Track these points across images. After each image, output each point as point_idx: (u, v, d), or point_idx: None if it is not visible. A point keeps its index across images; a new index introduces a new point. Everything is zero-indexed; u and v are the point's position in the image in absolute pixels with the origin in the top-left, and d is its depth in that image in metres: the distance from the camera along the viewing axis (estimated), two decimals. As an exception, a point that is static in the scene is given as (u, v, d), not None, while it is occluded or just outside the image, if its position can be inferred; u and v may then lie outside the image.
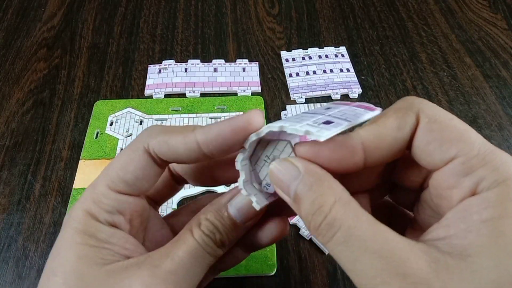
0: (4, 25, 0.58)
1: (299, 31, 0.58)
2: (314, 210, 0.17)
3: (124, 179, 0.20)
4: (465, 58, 0.54)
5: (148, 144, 0.20)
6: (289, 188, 0.18)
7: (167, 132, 0.20)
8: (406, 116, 0.17)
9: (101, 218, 0.20)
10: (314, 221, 0.17)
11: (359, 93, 0.50)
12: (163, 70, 0.52)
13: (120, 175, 0.20)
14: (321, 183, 0.17)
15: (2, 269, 0.36)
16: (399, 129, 0.17)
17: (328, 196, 0.17)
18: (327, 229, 0.16)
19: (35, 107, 0.48)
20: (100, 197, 0.20)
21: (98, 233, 0.19)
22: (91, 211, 0.20)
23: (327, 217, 0.16)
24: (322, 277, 0.36)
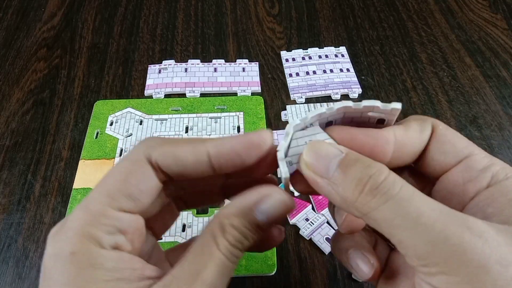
0: (4, 25, 0.58)
1: (299, 31, 0.58)
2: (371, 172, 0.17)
3: (127, 193, 0.18)
4: (465, 58, 0.54)
5: (150, 154, 0.19)
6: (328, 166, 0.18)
7: (172, 143, 0.19)
8: (425, 123, 0.20)
9: (104, 243, 0.17)
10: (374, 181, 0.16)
11: (359, 93, 0.50)
12: (163, 70, 0.52)
13: (122, 189, 0.18)
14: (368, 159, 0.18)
15: (2, 269, 0.36)
16: (421, 131, 0.20)
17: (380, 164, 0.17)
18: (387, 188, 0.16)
19: (35, 107, 0.48)
20: (99, 218, 0.18)
21: (105, 262, 0.17)
22: (91, 237, 0.17)
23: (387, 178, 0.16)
24: (322, 277, 0.36)
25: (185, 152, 0.18)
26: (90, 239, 0.17)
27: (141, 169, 0.18)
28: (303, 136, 0.20)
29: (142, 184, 0.18)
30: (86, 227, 0.17)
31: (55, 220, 0.39)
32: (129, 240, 0.18)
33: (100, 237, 0.17)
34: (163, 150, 0.19)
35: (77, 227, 0.17)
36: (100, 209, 0.18)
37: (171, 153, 0.18)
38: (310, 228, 0.38)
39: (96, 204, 0.18)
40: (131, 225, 0.18)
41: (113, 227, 0.18)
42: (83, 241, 0.17)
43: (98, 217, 0.18)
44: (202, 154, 0.18)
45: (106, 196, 0.18)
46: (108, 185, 0.18)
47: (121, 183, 0.18)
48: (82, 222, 0.17)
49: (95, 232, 0.17)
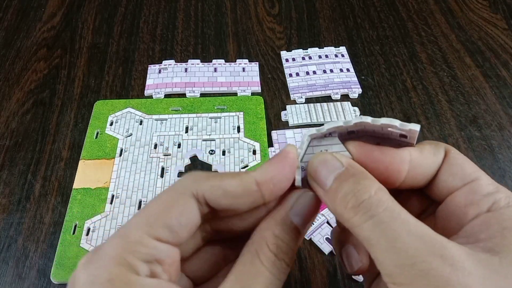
0: (4, 25, 0.58)
1: (299, 31, 0.58)
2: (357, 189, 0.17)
3: (166, 224, 0.18)
4: (465, 58, 0.54)
5: (197, 188, 0.18)
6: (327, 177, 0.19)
7: (218, 176, 0.19)
8: (438, 147, 0.20)
9: (140, 270, 0.17)
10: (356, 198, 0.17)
11: (359, 93, 0.50)
12: (163, 70, 0.52)
13: (162, 220, 0.18)
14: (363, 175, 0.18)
15: (2, 269, 0.36)
16: (435, 154, 0.20)
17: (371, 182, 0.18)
18: (368, 208, 0.17)
19: (35, 107, 0.48)
20: (136, 246, 0.17)
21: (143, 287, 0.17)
22: (128, 265, 0.17)
23: (371, 197, 0.17)
24: (322, 277, 0.36)
25: (233, 184, 0.19)
26: (127, 266, 0.17)
27: (185, 202, 0.18)
28: (320, 145, 0.20)
29: (183, 217, 0.18)
30: (123, 254, 0.17)
31: (55, 220, 0.39)
32: (165, 271, 0.18)
33: (137, 264, 0.17)
34: (210, 184, 0.19)
35: (114, 254, 0.17)
36: (138, 237, 0.17)
37: (218, 186, 0.18)
38: (310, 228, 0.38)
39: (133, 232, 0.17)
40: (169, 256, 0.18)
41: (150, 256, 0.17)
42: (120, 268, 0.16)
43: (135, 245, 0.17)
44: (250, 183, 0.19)
45: (145, 225, 0.18)
46: (148, 214, 0.18)
47: (162, 214, 0.18)
48: (119, 249, 0.17)
49: (132, 259, 0.17)
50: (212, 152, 0.44)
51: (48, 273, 0.36)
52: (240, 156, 0.43)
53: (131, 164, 0.43)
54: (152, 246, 0.17)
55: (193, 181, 0.19)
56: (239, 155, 0.43)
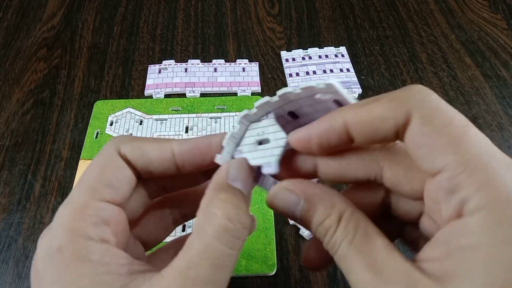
0: (4, 25, 0.58)
1: (299, 31, 0.58)
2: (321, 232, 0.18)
3: (105, 183, 0.19)
4: (465, 58, 0.54)
5: (119, 148, 0.19)
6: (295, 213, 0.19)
7: (140, 140, 0.20)
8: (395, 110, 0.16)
9: (89, 233, 0.17)
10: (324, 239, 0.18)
11: (359, 93, 0.50)
12: (163, 70, 0.52)
13: (100, 180, 0.19)
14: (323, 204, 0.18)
15: (2, 269, 0.36)
16: (383, 120, 0.16)
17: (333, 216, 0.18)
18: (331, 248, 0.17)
19: (35, 107, 0.48)
20: (83, 210, 0.18)
21: (91, 255, 0.17)
22: (77, 230, 0.17)
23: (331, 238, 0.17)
24: (322, 277, 0.36)
25: (151, 148, 0.19)
26: (76, 232, 0.17)
27: (115, 160, 0.19)
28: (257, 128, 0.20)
29: (119, 173, 0.19)
30: (71, 221, 0.18)
31: (55, 220, 0.39)
32: (112, 232, 0.18)
33: (86, 228, 0.17)
34: (131, 145, 0.20)
35: (62, 223, 0.18)
36: (83, 202, 0.18)
37: (138, 148, 0.19)
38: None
39: (78, 198, 0.18)
40: (114, 216, 0.19)
41: (97, 217, 0.18)
42: (69, 235, 0.17)
43: (82, 210, 0.18)
44: (166, 151, 0.19)
45: (88, 189, 0.18)
46: (87, 179, 0.19)
47: (99, 175, 0.19)
48: (67, 217, 0.18)
49: (80, 224, 0.17)
50: (212, 152, 0.44)
51: (48, 273, 0.36)
52: (240, 156, 0.43)
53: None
54: (98, 207, 0.18)
55: (118, 141, 0.20)
56: (239, 155, 0.43)
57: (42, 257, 0.17)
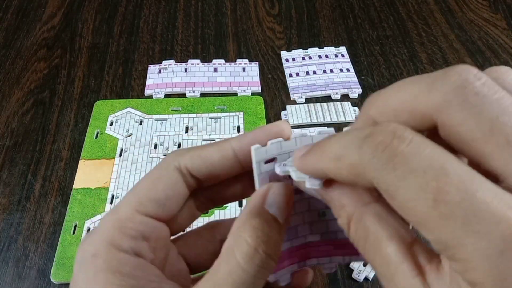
0: (4, 25, 0.58)
1: (299, 31, 0.58)
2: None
3: (154, 198, 0.19)
4: (465, 58, 0.54)
5: (178, 161, 0.19)
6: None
7: (197, 147, 0.20)
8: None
9: (125, 246, 0.18)
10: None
11: (359, 93, 0.50)
12: (163, 70, 0.52)
13: (149, 195, 0.19)
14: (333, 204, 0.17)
15: (2, 269, 0.36)
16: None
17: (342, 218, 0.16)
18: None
19: (35, 107, 0.48)
20: (124, 222, 0.18)
21: (122, 266, 0.17)
22: (114, 240, 0.18)
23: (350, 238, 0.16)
24: (322, 277, 0.36)
25: (210, 152, 0.19)
26: (112, 242, 0.17)
27: (169, 175, 0.19)
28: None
29: (170, 190, 0.19)
30: (111, 230, 0.18)
31: (55, 220, 0.39)
32: (151, 248, 0.18)
33: (122, 240, 0.18)
34: (190, 154, 0.19)
35: (103, 230, 0.18)
36: (127, 214, 0.18)
37: (197, 155, 0.19)
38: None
39: (123, 209, 0.18)
40: (156, 233, 0.19)
41: (136, 231, 0.18)
42: (105, 244, 0.17)
43: (124, 221, 0.18)
44: (227, 150, 0.19)
45: (134, 202, 0.18)
46: (137, 191, 0.19)
47: (149, 189, 0.19)
48: (109, 225, 0.18)
49: (119, 235, 0.18)
50: (212, 152, 0.44)
51: (48, 273, 0.36)
52: (240, 156, 0.43)
53: (131, 164, 0.43)
54: (139, 221, 0.18)
55: (175, 156, 0.19)
56: (239, 155, 0.43)
57: (78, 261, 0.18)
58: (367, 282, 0.36)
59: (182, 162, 0.19)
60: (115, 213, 0.18)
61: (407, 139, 0.13)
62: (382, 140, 0.13)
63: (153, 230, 0.19)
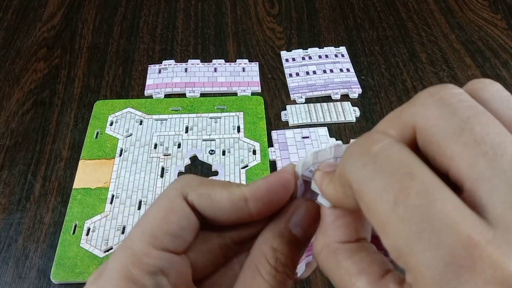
0: (4, 25, 0.58)
1: (299, 31, 0.58)
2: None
3: (169, 231, 0.17)
4: (465, 58, 0.54)
5: (187, 194, 0.18)
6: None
7: (208, 185, 0.19)
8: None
9: (146, 283, 0.17)
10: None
11: (359, 93, 0.50)
12: (163, 70, 0.52)
13: (163, 228, 0.17)
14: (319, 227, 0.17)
15: (2, 269, 0.36)
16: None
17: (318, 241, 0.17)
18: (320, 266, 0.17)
19: (35, 107, 0.48)
20: (140, 257, 0.17)
21: None
22: (131, 276, 0.16)
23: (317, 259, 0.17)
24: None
25: (222, 196, 0.18)
26: (131, 279, 0.17)
27: (180, 207, 0.18)
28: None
29: (183, 222, 0.18)
30: (128, 267, 0.17)
31: (55, 220, 0.39)
32: (171, 283, 0.17)
33: (142, 276, 0.17)
34: (199, 191, 0.18)
35: (119, 268, 0.17)
36: (142, 249, 0.17)
37: (207, 195, 0.18)
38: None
39: (137, 244, 0.17)
40: (175, 268, 0.18)
41: (156, 268, 0.17)
42: (124, 281, 0.16)
43: (140, 257, 0.17)
44: (239, 198, 0.18)
45: (148, 236, 0.17)
46: (148, 224, 0.18)
47: (162, 222, 0.18)
48: (124, 262, 0.17)
49: (137, 272, 0.17)
50: (212, 152, 0.44)
51: (48, 273, 0.36)
52: (240, 156, 0.43)
53: (131, 164, 0.43)
54: (157, 256, 0.17)
55: (184, 186, 0.19)
56: (239, 155, 0.43)
57: None
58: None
59: (190, 196, 0.18)
60: (128, 249, 0.17)
61: (380, 141, 0.13)
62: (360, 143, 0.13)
63: (172, 265, 0.17)
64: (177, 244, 0.18)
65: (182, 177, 0.19)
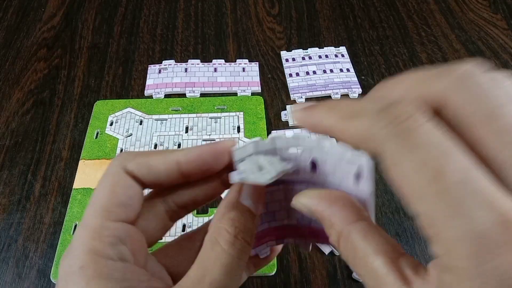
0: (4, 25, 0.58)
1: (299, 31, 0.58)
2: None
3: (118, 202, 0.19)
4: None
5: (125, 166, 0.20)
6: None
7: (145, 154, 0.20)
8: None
9: (110, 253, 0.18)
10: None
11: (359, 93, 0.50)
12: (163, 70, 0.52)
13: (113, 201, 0.19)
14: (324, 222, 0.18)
15: (2, 269, 0.36)
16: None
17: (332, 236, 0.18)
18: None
19: (35, 107, 0.48)
20: (99, 231, 0.18)
21: (112, 273, 0.18)
22: (97, 250, 0.18)
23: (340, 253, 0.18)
24: (322, 277, 0.36)
25: (157, 162, 0.20)
26: (96, 252, 0.18)
27: (123, 179, 0.20)
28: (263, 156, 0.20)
29: (129, 191, 0.20)
30: (90, 242, 0.18)
31: (55, 220, 0.39)
32: (130, 251, 0.19)
33: (104, 248, 0.18)
34: (137, 161, 0.20)
35: (82, 244, 0.18)
36: (99, 223, 0.19)
37: (144, 163, 0.20)
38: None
39: (93, 220, 0.19)
40: (131, 235, 0.19)
41: (114, 238, 0.18)
42: (89, 255, 0.18)
43: (99, 231, 0.18)
44: (172, 162, 0.20)
45: (101, 210, 0.19)
46: (98, 200, 0.19)
47: (110, 195, 0.19)
48: (85, 238, 0.18)
49: (99, 245, 0.18)
50: (212, 152, 0.44)
51: (48, 273, 0.36)
52: (240, 156, 0.43)
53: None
54: (113, 227, 0.19)
55: (122, 160, 0.20)
56: (239, 155, 0.43)
57: (63, 276, 0.18)
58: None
59: (128, 167, 0.20)
60: (86, 226, 0.19)
61: (421, 120, 0.13)
62: (399, 115, 0.14)
63: (127, 233, 0.19)
64: (128, 213, 0.20)
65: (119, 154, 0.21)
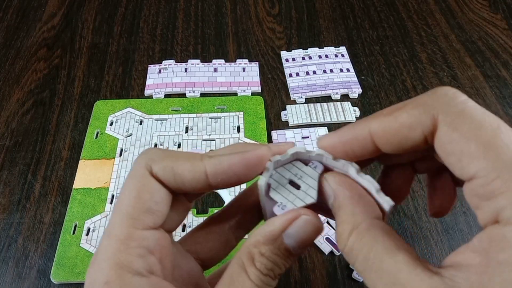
0: (4, 25, 0.58)
1: (299, 31, 0.58)
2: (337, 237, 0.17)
3: (145, 209, 0.18)
4: (465, 58, 0.54)
5: (151, 168, 0.19)
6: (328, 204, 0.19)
7: (172, 157, 0.19)
8: (420, 118, 0.16)
9: (137, 267, 0.17)
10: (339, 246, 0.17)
11: (359, 93, 0.50)
12: (163, 70, 0.52)
13: (139, 207, 0.18)
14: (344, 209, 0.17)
15: (2, 269, 0.36)
16: (409, 129, 0.16)
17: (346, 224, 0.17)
18: (348, 257, 0.17)
19: (35, 107, 0.48)
20: (127, 242, 0.17)
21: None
22: (123, 263, 0.17)
23: (345, 246, 0.17)
24: (322, 277, 0.36)
25: (184, 169, 0.18)
26: (122, 267, 0.17)
27: (149, 182, 0.18)
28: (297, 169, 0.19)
29: (156, 196, 0.18)
30: (116, 254, 0.17)
31: (55, 220, 0.39)
32: (158, 260, 0.18)
33: (132, 262, 0.17)
34: (163, 164, 0.19)
35: (108, 257, 0.17)
36: (125, 233, 0.17)
37: (170, 168, 0.18)
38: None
39: (120, 229, 0.18)
40: (159, 243, 0.18)
41: (142, 249, 0.17)
42: (116, 269, 0.17)
43: (126, 242, 0.17)
44: (200, 172, 0.18)
45: (127, 218, 0.18)
46: (124, 206, 0.18)
47: (136, 201, 0.18)
48: (112, 250, 0.17)
49: (126, 258, 0.17)
50: (212, 152, 0.44)
51: (48, 273, 0.36)
52: (240, 156, 0.43)
53: (131, 164, 0.43)
54: (141, 237, 0.18)
55: (148, 160, 0.19)
56: (239, 155, 0.43)
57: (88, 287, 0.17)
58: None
59: (154, 169, 0.19)
60: (112, 236, 0.18)
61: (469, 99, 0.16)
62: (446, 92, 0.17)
63: (156, 242, 0.18)
64: (156, 219, 0.18)
65: (145, 151, 0.20)
